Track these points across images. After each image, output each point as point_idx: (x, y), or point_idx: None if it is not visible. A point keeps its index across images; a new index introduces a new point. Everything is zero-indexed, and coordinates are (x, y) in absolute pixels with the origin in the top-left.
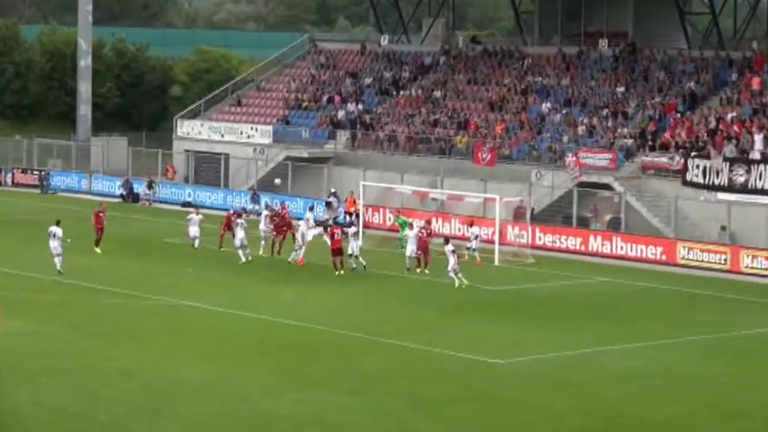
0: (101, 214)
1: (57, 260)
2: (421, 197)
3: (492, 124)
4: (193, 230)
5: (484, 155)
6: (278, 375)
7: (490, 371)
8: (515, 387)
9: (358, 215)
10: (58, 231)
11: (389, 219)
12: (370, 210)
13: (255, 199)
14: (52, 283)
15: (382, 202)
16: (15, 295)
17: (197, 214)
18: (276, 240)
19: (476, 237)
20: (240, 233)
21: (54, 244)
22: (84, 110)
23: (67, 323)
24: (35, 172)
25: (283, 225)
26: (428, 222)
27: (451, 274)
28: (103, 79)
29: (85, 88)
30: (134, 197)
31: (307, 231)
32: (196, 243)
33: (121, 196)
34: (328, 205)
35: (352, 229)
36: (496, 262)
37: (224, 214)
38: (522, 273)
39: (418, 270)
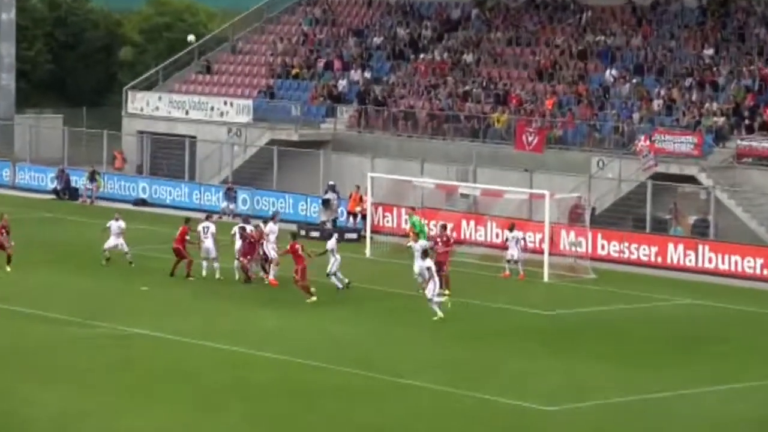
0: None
1: None
2: (448, 193)
3: (540, 98)
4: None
5: (530, 138)
6: (260, 427)
7: (541, 422)
8: None
9: (364, 217)
10: None
11: (405, 221)
12: (380, 210)
13: (230, 196)
14: None
15: (396, 199)
16: None
17: (117, 219)
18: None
19: (518, 242)
20: (207, 241)
21: None
22: (5, 80)
23: None
24: None
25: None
26: (444, 227)
27: (432, 302)
28: (30, 39)
29: (6, 51)
30: (72, 193)
31: (269, 248)
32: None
33: (55, 191)
34: (326, 203)
35: (330, 243)
36: (546, 278)
37: (190, 216)
38: (579, 292)
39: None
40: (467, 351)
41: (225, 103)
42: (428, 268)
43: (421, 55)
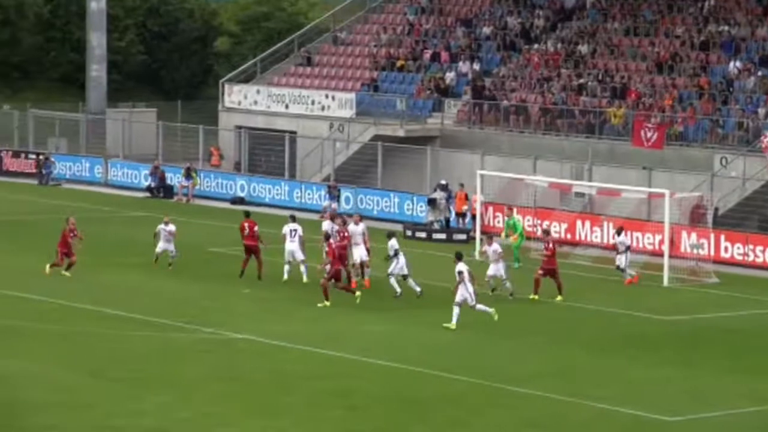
0: (71, 234)
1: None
2: (562, 192)
3: (659, 92)
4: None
5: (649, 134)
6: None
7: None
8: None
9: (474, 216)
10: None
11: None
12: (490, 210)
13: (333, 195)
14: (54, 308)
15: (507, 198)
16: (3, 323)
17: (167, 224)
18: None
19: (627, 249)
20: (292, 244)
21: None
22: (96, 71)
23: (77, 364)
24: (31, 156)
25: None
26: (546, 233)
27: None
28: (122, 29)
29: (97, 41)
30: (167, 191)
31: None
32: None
33: (149, 188)
34: (432, 203)
35: (391, 243)
36: (665, 282)
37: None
38: (701, 297)
39: (534, 296)
40: (583, 358)
41: (327, 96)
42: (459, 273)
43: (534, 46)
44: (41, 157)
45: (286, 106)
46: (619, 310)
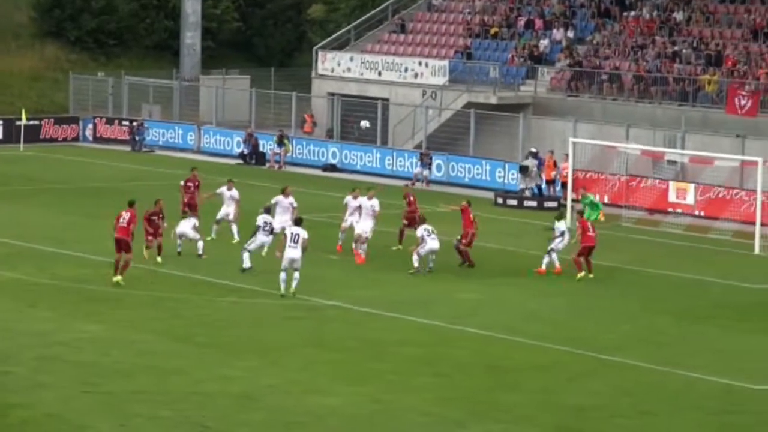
0: (192, 185)
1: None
2: (654, 160)
3: (755, 59)
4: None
5: (743, 102)
6: (458, 406)
7: (752, 402)
8: None
9: (564, 184)
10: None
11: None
12: (583, 177)
13: (425, 162)
14: (143, 274)
15: (599, 166)
16: (91, 288)
17: (230, 188)
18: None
19: (562, 235)
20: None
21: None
22: (191, 38)
23: (164, 330)
24: (125, 123)
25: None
26: (581, 213)
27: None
28: None
29: (192, 8)
30: (259, 157)
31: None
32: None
33: (242, 155)
34: (524, 170)
35: (419, 231)
36: (757, 250)
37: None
38: None
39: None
40: (672, 326)
41: (420, 63)
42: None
43: (629, 13)
44: (134, 123)
45: (379, 74)
46: (710, 278)
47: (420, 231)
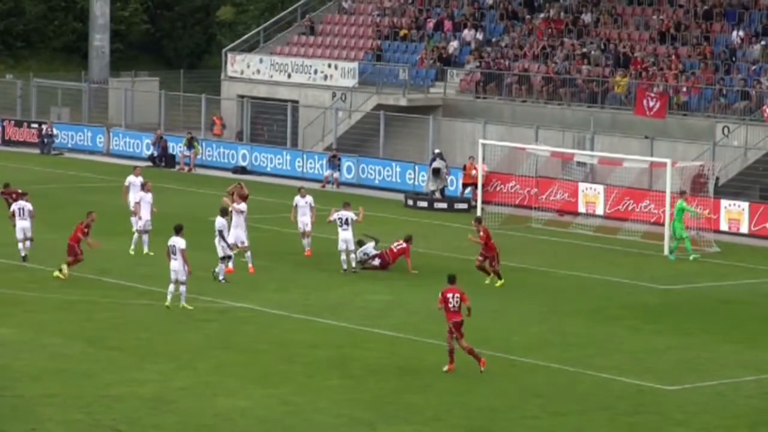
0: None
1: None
2: (563, 161)
3: (662, 61)
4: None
5: (651, 103)
6: (368, 407)
7: (662, 402)
8: (697, 425)
9: (475, 186)
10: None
11: (517, 189)
12: (494, 180)
13: (334, 164)
14: (54, 277)
15: (508, 167)
16: (1, 292)
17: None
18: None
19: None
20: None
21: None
22: (99, 40)
23: (75, 333)
24: (33, 126)
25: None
26: (479, 220)
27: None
28: None
29: (101, 10)
30: (169, 160)
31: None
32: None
33: (152, 157)
34: (436, 172)
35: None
36: (666, 252)
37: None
38: (702, 266)
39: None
40: (582, 327)
41: (329, 65)
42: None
43: (538, 15)
44: (43, 126)
45: (289, 76)
46: (619, 279)
47: (334, 215)
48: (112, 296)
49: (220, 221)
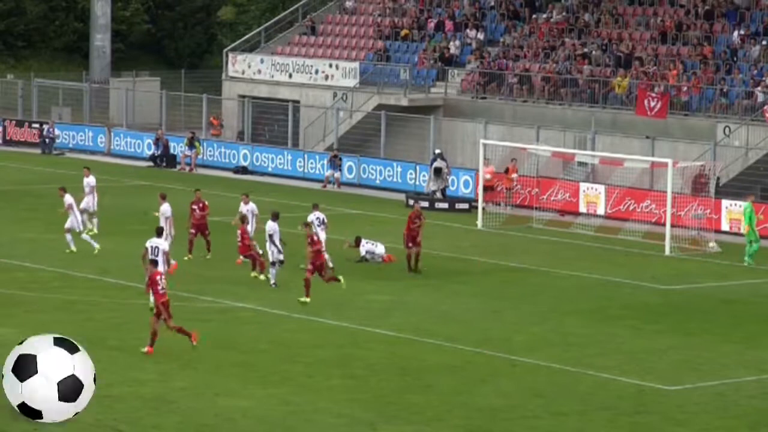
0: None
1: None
2: (564, 161)
3: (663, 61)
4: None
5: (652, 104)
6: (369, 407)
7: (663, 402)
8: (697, 425)
9: (486, 188)
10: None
11: (518, 189)
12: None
13: (335, 164)
14: (55, 277)
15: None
16: (1, 292)
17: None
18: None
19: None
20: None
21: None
22: (100, 40)
23: (76, 333)
24: (34, 125)
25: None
26: (307, 224)
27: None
28: None
29: (102, 10)
30: (170, 160)
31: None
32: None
33: (152, 157)
34: (437, 172)
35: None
36: (667, 251)
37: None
38: (703, 266)
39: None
40: (582, 327)
41: (331, 65)
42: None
43: (539, 15)
44: (44, 126)
45: (290, 76)
46: (620, 279)
47: (310, 216)
48: (112, 296)
49: (270, 225)
